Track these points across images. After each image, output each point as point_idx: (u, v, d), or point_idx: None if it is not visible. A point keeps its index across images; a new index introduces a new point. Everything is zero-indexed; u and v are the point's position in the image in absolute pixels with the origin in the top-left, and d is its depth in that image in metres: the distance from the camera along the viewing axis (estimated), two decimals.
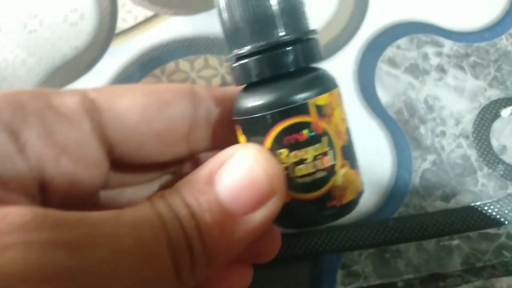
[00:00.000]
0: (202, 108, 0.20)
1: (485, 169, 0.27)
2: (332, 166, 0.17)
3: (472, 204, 0.26)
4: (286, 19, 0.16)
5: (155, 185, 0.22)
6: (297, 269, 0.26)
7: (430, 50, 0.28)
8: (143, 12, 0.29)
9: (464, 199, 0.26)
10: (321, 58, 0.18)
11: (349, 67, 0.28)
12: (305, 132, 0.16)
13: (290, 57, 0.16)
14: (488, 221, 0.26)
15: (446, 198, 0.26)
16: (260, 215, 0.16)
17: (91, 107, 0.18)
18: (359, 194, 0.18)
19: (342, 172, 0.17)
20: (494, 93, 0.28)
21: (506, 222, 0.26)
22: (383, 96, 0.28)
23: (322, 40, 0.29)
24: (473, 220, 0.26)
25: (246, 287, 0.22)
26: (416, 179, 0.27)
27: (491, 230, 0.26)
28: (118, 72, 0.28)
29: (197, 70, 0.28)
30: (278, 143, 0.16)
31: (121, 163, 0.20)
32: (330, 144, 0.17)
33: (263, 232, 0.16)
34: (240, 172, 0.16)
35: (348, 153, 0.17)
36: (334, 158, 0.17)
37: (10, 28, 0.29)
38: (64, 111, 0.17)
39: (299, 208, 0.17)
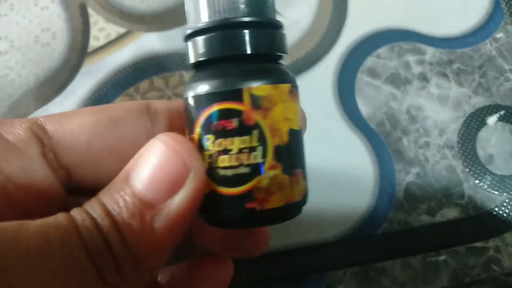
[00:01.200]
0: (161, 122, 0.19)
1: (472, 181, 0.26)
2: (259, 164, 0.16)
3: (459, 218, 0.25)
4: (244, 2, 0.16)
5: None
6: None
7: (411, 58, 0.28)
8: (116, 29, 0.29)
9: (450, 213, 0.26)
10: (269, 49, 0.16)
11: (328, 78, 0.28)
12: (234, 120, 0.15)
13: (233, 40, 0.16)
14: (476, 234, 0.25)
15: (432, 212, 0.26)
16: (180, 198, 0.15)
17: (39, 133, 0.17)
18: (292, 205, 0.17)
19: (270, 174, 0.16)
20: (479, 101, 0.27)
21: (494, 235, 0.25)
22: (364, 108, 0.27)
23: (300, 52, 0.28)
24: (460, 234, 0.25)
25: (227, 283, 0.22)
26: (400, 193, 0.26)
27: (479, 244, 0.25)
28: (91, 92, 0.28)
29: (172, 87, 0.28)
30: (206, 128, 0.16)
31: (87, 186, 0.19)
32: (261, 140, 0.16)
33: (191, 218, 0.16)
34: (151, 159, 0.15)
35: (283, 155, 0.16)
36: (263, 156, 0.16)
37: None
38: (9, 138, 0.17)
39: (218, 202, 0.16)
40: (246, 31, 0.16)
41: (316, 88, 0.27)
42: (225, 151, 0.16)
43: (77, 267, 0.13)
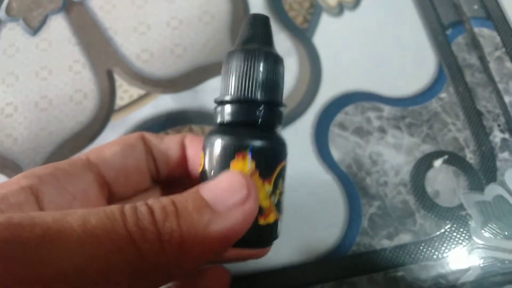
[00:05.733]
0: (148, 146, 0.25)
1: (422, 211, 0.32)
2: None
3: (412, 241, 0.31)
4: (272, 90, 0.21)
5: None
6: None
7: (372, 114, 0.34)
8: (137, 91, 0.35)
9: (405, 237, 0.31)
10: (280, 124, 0.22)
11: (307, 131, 0.33)
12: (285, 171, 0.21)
13: (264, 112, 0.21)
14: (426, 255, 0.31)
15: (390, 237, 0.31)
16: (238, 213, 0.17)
17: (87, 163, 0.23)
18: None
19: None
20: (427, 148, 0.33)
21: (440, 256, 0.31)
22: (336, 154, 0.33)
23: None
24: (414, 254, 0.31)
25: None
26: (365, 222, 0.31)
27: (429, 262, 0.30)
28: None
29: None
30: (280, 174, 0.21)
31: (118, 198, 0.25)
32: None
33: (238, 236, 0.17)
34: (223, 179, 0.18)
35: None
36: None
37: (24, 108, 0.35)
38: (70, 170, 0.22)
39: (278, 227, 0.21)
40: (270, 107, 0.21)
41: (297, 139, 0.33)
42: (283, 191, 0.21)
43: (115, 240, 0.14)
